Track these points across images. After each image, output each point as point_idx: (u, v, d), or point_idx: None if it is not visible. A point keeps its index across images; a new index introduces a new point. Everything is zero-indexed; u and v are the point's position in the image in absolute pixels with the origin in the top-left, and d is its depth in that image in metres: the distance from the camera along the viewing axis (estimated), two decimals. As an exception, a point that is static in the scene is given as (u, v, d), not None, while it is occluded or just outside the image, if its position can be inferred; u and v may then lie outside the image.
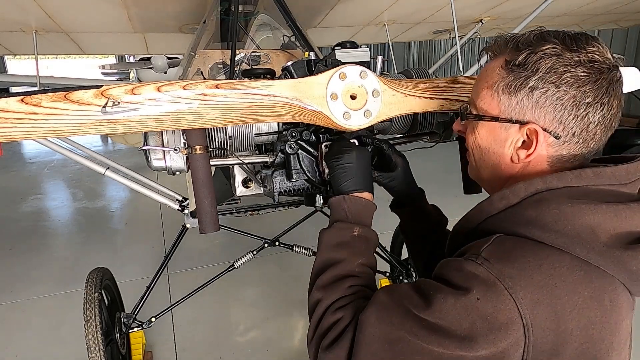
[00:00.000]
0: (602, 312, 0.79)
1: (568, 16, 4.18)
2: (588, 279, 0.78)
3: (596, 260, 0.79)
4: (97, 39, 3.83)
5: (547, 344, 0.77)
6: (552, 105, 0.84)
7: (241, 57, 2.28)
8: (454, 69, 10.51)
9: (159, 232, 4.89)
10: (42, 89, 1.00)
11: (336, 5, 3.20)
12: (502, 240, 0.83)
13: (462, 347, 0.77)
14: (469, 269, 0.81)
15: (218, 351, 3.03)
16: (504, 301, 0.76)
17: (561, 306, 0.76)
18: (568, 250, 0.79)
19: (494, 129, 0.92)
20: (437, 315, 0.80)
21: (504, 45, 0.90)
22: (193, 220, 2.51)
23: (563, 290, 0.77)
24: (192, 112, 1.06)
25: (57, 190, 6.80)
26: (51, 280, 3.99)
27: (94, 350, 2.09)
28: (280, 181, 1.36)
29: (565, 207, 0.80)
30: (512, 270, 0.77)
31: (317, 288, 0.99)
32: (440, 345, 0.78)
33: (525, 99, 0.85)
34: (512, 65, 0.86)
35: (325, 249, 1.05)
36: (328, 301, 0.95)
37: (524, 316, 0.75)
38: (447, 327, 0.78)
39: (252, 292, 3.73)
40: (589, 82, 0.82)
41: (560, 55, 0.82)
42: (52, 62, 31.03)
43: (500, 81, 0.88)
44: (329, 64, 1.23)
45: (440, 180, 5.49)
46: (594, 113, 0.83)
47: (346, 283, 0.98)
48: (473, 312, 0.77)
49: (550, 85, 0.83)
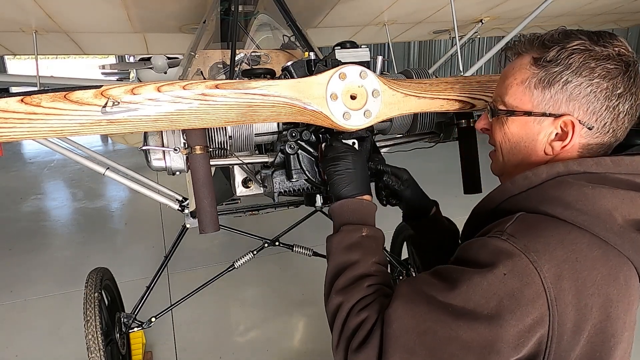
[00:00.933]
0: (619, 290, 0.82)
1: (568, 16, 4.18)
2: (606, 257, 0.82)
3: (614, 240, 0.82)
4: (97, 39, 3.83)
5: (570, 320, 0.79)
6: (585, 97, 0.87)
7: (241, 57, 2.28)
8: (454, 69, 10.51)
9: (159, 232, 4.88)
10: (42, 89, 1.00)
11: (336, 5, 3.20)
12: (525, 218, 0.86)
13: (490, 328, 0.78)
14: (494, 244, 0.83)
15: (218, 351, 3.03)
16: (529, 275, 0.78)
17: (582, 281, 0.79)
18: (588, 228, 0.82)
19: (526, 124, 0.94)
20: (463, 297, 0.80)
21: (529, 44, 0.93)
22: (193, 220, 2.51)
23: (584, 265, 0.80)
24: (192, 112, 1.06)
25: (57, 190, 6.80)
26: (51, 280, 3.99)
27: (94, 350, 2.09)
28: (280, 181, 1.36)
29: (586, 189, 0.83)
30: (536, 244, 0.80)
31: (336, 292, 0.98)
32: (468, 330, 0.79)
33: (559, 92, 0.88)
34: (542, 61, 0.89)
35: (336, 253, 1.05)
36: (350, 303, 0.94)
37: (547, 290, 0.78)
38: (473, 309, 0.79)
39: (252, 292, 3.73)
40: (619, 75, 0.86)
41: (590, 50, 0.86)
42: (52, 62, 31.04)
43: (532, 77, 0.91)
44: (329, 64, 1.23)
45: (440, 180, 5.48)
46: (624, 103, 0.87)
47: (365, 283, 0.98)
48: (500, 289, 0.78)
49: (584, 78, 0.86)
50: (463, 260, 0.87)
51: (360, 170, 1.15)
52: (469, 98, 1.28)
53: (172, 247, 2.67)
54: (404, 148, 1.74)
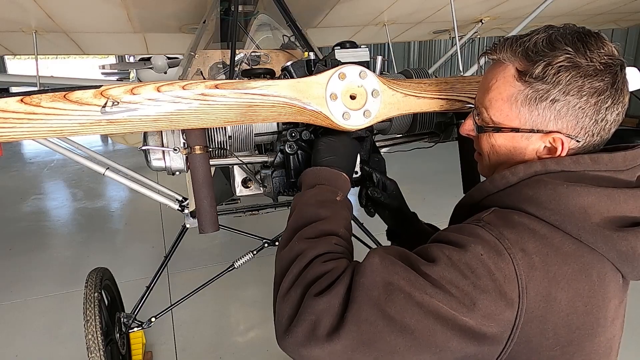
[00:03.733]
0: (590, 286, 0.83)
1: (568, 16, 4.17)
2: (578, 253, 0.82)
3: (586, 239, 0.82)
4: (97, 39, 3.83)
5: (538, 309, 0.80)
6: (574, 115, 0.86)
7: (241, 57, 2.28)
8: (454, 69, 10.51)
9: (159, 232, 4.89)
10: (42, 89, 1.00)
11: (336, 5, 3.20)
12: (500, 211, 0.88)
13: (462, 304, 0.78)
14: (471, 229, 0.85)
15: (218, 351, 3.03)
16: (504, 260, 0.79)
17: (553, 274, 0.80)
18: (560, 227, 0.83)
19: (514, 138, 0.93)
20: (441, 271, 0.80)
21: (511, 51, 0.90)
22: (193, 220, 2.51)
23: (555, 259, 0.81)
24: (192, 112, 1.06)
25: (57, 190, 6.80)
26: (51, 280, 3.99)
27: (94, 350, 2.09)
28: (280, 181, 1.36)
29: (560, 188, 0.84)
30: (510, 234, 0.82)
31: (300, 239, 0.92)
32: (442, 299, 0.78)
33: (547, 110, 0.87)
34: (528, 77, 0.87)
35: (307, 204, 1.00)
36: (315, 252, 0.88)
37: (519, 277, 0.79)
38: (450, 284, 0.79)
39: (252, 292, 3.73)
40: (607, 90, 0.85)
41: (578, 66, 0.84)
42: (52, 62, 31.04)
43: (518, 94, 0.89)
44: (328, 64, 1.22)
45: (440, 180, 5.49)
46: (611, 114, 0.87)
47: (333, 240, 0.93)
48: (477, 268, 0.79)
49: (572, 97, 0.85)
50: (440, 241, 0.87)
51: (349, 152, 1.15)
52: (469, 98, 1.28)
53: (172, 247, 2.67)
54: (404, 148, 1.74)
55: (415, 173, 5.72)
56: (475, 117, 1.01)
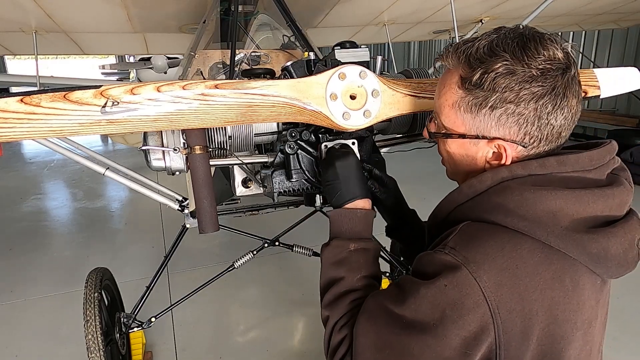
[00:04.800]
0: (564, 292, 0.83)
1: (568, 16, 4.18)
2: (548, 260, 0.82)
3: (556, 243, 0.82)
4: (97, 39, 3.83)
5: (516, 326, 0.80)
6: (514, 121, 0.86)
7: (241, 57, 2.28)
8: (454, 69, 10.50)
9: (159, 232, 4.88)
10: (42, 89, 1.00)
11: (336, 5, 3.20)
12: (467, 229, 0.88)
13: (436, 338, 0.81)
14: (438, 258, 0.86)
15: (218, 351, 3.03)
16: (469, 285, 0.80)
17: (524, 287, 0.80)
18: (529, 233, 0.83)
19: (464, 144, 0.95)
20: (412, 309, 0.85)
21: (456, 57, 0.91)
22: (193, 220, 2.51)
23: (524, 271, 0.81)
24: (192, 112, 1.06)
25: (57, 190, 6.80)
26: (51, 280, 3.99)
27: (94, 350, 2.09)
28: (280, 181, 1.36)
29: (527, 194, 0.84)
30: (476, 255, 0.82)
31: (324, 306, 1.05)
32: (419, 342, 0.83)
33: (487, 116, 0.88)
34: (468, 84, 0.88)
35: (325, 267, 1.09)
36: (333, 320, 1.01)
37: (488, 299, 0.79)
38: (422, 320, 0.83)
39: (252, 292, 3.73)
40: (545, 94, 0.84)
41: (513, 73, 0.83)
42: (52, 62, 31.03)
43: (460, 101, 0.91)
44: (328, 64, 1.23)
45: (440, 180, 5.45)
46: (555, 119, 0.86)
47: (348, 299, 1.03)
48: (442, 299, 0.81)
49: (509, 103, 0.85)
50: (415, 272, 0.92)
51: (353, 174, 1.14)
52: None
53: (172, 247, 2.67)
54: (404, 148, 1.74)
55: (415, 173, 5.72)
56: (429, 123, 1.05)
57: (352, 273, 1.06)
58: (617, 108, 7.32)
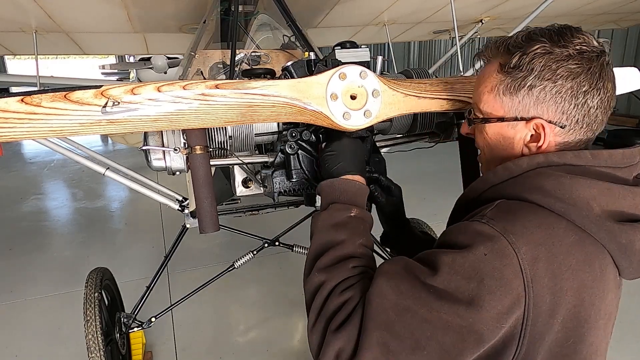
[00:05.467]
0: (593, 277, 0.84)
1: (568, 16, 4.17)
2: (581, 243, 0.84)
3: (590, 228, 0.84)
4: (97, 39, 3.83)
5: (545, 303, 0.81)
6: (552, 99, 0.89)
7: (241, 57, 2.28)
8: (454, 69, 10.51)
9: (159, 232, 4.89)
10: (42, 89, 1.00)
11: (336, 5, 3.20)
12: (504, 203, 0.89)
13: (470, 309, 0.79)
14: (474, 227, 0.85)
15: (218, 351, 3.03)
16: (508, 256, 0.80)
17: (557, 265, 0.81)
18: (564, 215, 0.84)
19: (502, 128, 0.97)
20: (445, 279, 0.81)
21: (495, 49, 0.96)
22: (193, 220, 2.51)
23: (560, 249, 0.82)
24: (192, 112, 1.06)
25: (57, 190, 6.80)
26: (51, 280, 3.99)
27: (94, 350, 2.09)
28: (280, 181, 1.36)
29: (563, 179, 0.86)
30: (514, 227, 0.82)
31: (319, 270, 0.96)
32: (449, 310, 0.80)
33: (526, 97, 0.91)
34: (507, 68, 0.92)
35: (322, 230, 1.03)
36: (332, 282, 0.93)
37: (524, 271, 0.79)
38: (455, 290, 0.80)
39: (252, 292, 3.73)
40: (582, 73, 0.88)
41: (550, 53, 0.88)
42: (52, 62, 31.03)
43: (499, 84, 0.94)
44: (329, 64, 1.22)
45: (440, 180, 5.49)
46: (592, 99, 0.89)
47: (349, 264, 0.96)
48: (481, 269, 0.80)
49: (547, 81, 0.89)
50: (444, 244, 0.89)
51: (352, 152, 1.15)
52: (469, 98, 1.28)
53: (172, 247, 2.67)
54: (404, 148, 1.74)
55: (415, 173, 5.71)
56: (468, 114, 1.06)
57: (353, 238, 1.01)
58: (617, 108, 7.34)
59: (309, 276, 0.97)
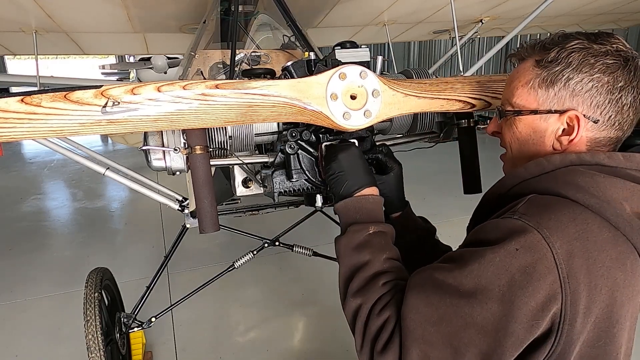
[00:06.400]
0: (625, 275, 0.83)
1: (568, 16, 4.17)
2: (615, 240, 0.83)
3: (623, 227, 0.83)
4: (97, 39, 3.82)
5: (582, 300, 0.79)
6: (588, 92, 0.90)
7: (241, 57, 2.28)
8: (454, 69, 10.51)
9: (159, 232, 4.88)
10: (42, 89, 1.00)
11: (336, 5, 3.20)
12: (537, 198, 0.88)
13: (502, 306, 0.78)
14: (506, 223, 0.84)
15: (218, 351, 3.03)
16: (541, 250, 0.79)
17: (593, 260, 0.80)
18: (598, 212, 0.83)
19: (533, 122, 0.97)
20: (474, 275, 0.81)
21: (531, 48, 0.98)
22: (193, 220, 2.51)
23: (594, 245, 0.80)
24: (192, 112, 1.06)
25: (57, 190, 6.80)
26: (51, 280, 3.99)
27: (94, 350, 2.09)
28: (280, 181, 1.36)
29: (598, 177, 0.86)
30: (549, 221, 0.81)
31: (352, 295, 0.97)
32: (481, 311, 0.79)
33: (562, 89, 0.92)
34: (544, 62, 0.93)
35: (346, 255, 1.03)
36: (369, 305, 0.94)
37: (559, 266, 0.78)
38: (485, 286, 0.79)
39: (252, 292, 3.73)
40: (618, 69, 0.88)
41: (588, 48, 0.89)
42: (52, 62, 31.04)
43: (535, 77, 0.95)
44: (329, 64, 1.23)
45: (440, 180, 5.49)
46: (626, 95, 0.89)
47: (380, 281, 0.97)
48: (512, 264, 0.79)
49: (585, 74, 0.89)
50: (475, 242, 0.88)
51: (354, 165, 1.14)
52: (469, 98, 1.28)
53: (172, 247, 2.67)
54: (404, 148, 1.74)
55: (415, 173, 5.71)
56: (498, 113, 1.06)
57: (377, 255, 1.01)
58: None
59: (345, 301, 0.99)
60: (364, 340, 0.92)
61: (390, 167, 1.30)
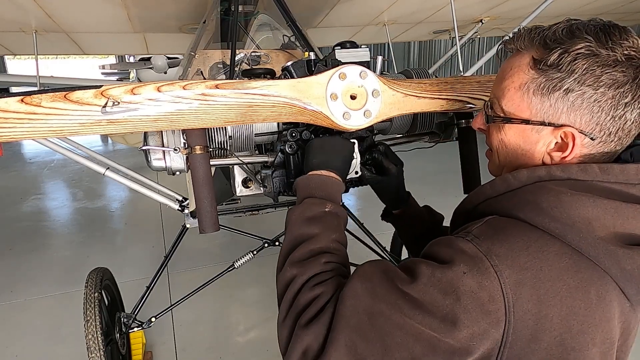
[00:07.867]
0: (587, 304, 0.77)
1: (568, 16, 4.18)
2: (575, 268, 0.77)
3: (587, 251, 0.77)
4: (97, 39, 3.83)
5: (527, 328, 0.76)
6: (588, 108, 0.80)
7: (241, 57, 2.28)
8: (454, 69, 10.51)
9: (159, 232, 4.89)
10: (42, 89, 1.00)
11: (336, 5, 3.20)
12: (494, 221, 0.83)
13: (443, 326, 0.76)
14: (458, 244, 0.81)
15: (218, 351, 3.03)
16: (488, 278, 0.76)
17: (544, 290, 0.76)
18: (559, 236, 0.78)
19: (524, 131, 0.88)
20: (421, 289, 0.78)
21: (529, 40, 0.85)
22: (193, 220, 2.51)
23: (547, 274, 0.76)
24: (192, 112, 1.06)
25: (57, 190, 6.80)
26: (51, 280, 3.99)
27: (94, 350, 2.09)
28: (280, 181, 1.36)
29: (564, 196, 0.78)
30: (500, 249, 0.77)
31: (291, 264, 0.93)
32: (422, 320, 0.77)
33: (559, 101, 0.82)
34: (542, 64, 0.82)
35: (296, 224, 1.00)
36: (305, 277, 0.90)
37: (506, 296, 0.75)
38: (430, 304, 0.77)
39: (252, 292, 3.73)
40: (627, 82, 0.78)
41: (596, 55, 0.78)
42: (52, 62, 31.04)
43: (531, 82, 0.84)
44: (329, 64, 1.22)
45: (440, 180, 5.49)
46: (631, 112, 0.80)
47: (322, 258, 0.94)
48: (458, 287, 0.76)
49: (588, 87, 0.79)
50: (428, 255, 0.86)
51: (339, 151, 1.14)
52: (469, 98, 1.28)
53: (172, 247, 2.67)
54: (404, 148, 1.74)
55: (415, 173, 5.70)
56: (487, 109, 0.95)
57: (327, 232, 0.98)
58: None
59: (282, 270, 0.95)
60: (288, 312, 0.88)
61: (389, 167, 1.30)
